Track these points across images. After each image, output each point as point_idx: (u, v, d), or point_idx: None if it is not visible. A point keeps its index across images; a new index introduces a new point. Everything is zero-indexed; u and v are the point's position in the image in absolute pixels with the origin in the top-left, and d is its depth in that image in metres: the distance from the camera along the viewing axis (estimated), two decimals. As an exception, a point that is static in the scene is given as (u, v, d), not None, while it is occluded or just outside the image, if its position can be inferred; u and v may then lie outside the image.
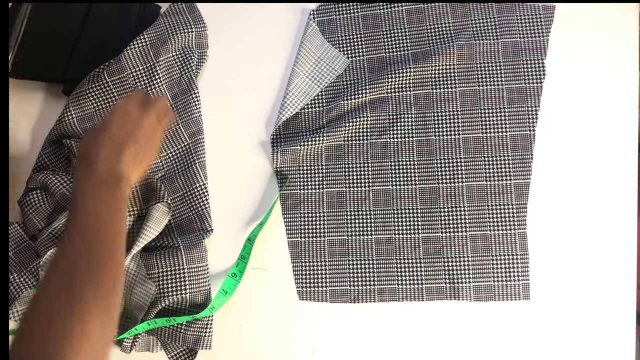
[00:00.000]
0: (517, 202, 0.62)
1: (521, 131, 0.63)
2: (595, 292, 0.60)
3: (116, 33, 0.68)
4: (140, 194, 0.62)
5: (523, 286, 0.60)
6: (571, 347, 0.59)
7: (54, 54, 0.67)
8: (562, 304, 0.60)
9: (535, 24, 0.65)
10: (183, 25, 0.68)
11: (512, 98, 0.64)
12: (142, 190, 0.62)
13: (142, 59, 0.66)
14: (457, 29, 0.66)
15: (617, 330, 0.59)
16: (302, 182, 0.65)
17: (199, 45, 0.68)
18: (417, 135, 0.64)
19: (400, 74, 0.64)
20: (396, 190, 0.63)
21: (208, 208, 0.64)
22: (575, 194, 0.62)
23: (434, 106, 0.65)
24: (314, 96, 0.66)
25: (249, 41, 0.69)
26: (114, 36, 0.68)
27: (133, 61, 0.66)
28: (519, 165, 0.62)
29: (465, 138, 0.64)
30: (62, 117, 0.65)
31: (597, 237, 0.61)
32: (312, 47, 0.67)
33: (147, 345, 0.61)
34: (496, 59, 0.65)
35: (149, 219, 0.59)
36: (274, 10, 0.70)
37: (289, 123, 0.66)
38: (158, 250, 0.61)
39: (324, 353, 0.61)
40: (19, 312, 0.57)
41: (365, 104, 0.65)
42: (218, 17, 0.70)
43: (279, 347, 0.60)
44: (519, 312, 0.60)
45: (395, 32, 0.67)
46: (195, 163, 0.64)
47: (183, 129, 0.65)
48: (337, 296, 0.62)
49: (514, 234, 0.61)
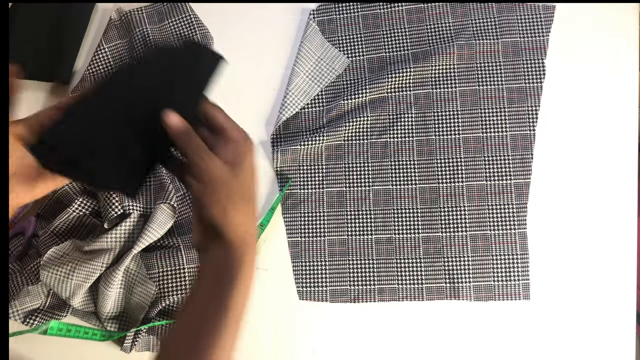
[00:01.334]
0: (517, 201, 0.62)
1: (521, 131, 0.63)
2: (595, 292, 0.60)
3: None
4: (153, 193, 0.62)
5: (523, 286, 0.60)
6: (571, 347, 0.59)
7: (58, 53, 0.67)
8: (562, 304, 0.60)
9: (535, 23, 0.65)
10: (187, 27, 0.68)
11: (512, 98, 0.64)
12: (154, 190, 0.62)
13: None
14: (457, 29, 0.66)
15: (617, 330, 0.59)
16: (302, 181, 0.65)
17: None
18: (417, 135, 0.64)
19: (400, 73, 0.64)
20: (396, 189, 0.63)
21: (208, 208, 0.64)
22: (575, 194, 0.62)
23: (434, 106, 0.65)
24: (314, 96, 0.66)
25: (249, 41, 0.69)
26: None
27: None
28: (519, 164, 0.62)
29: (466, 138, 0.64)
30: (62, 116, 0.65)
31: (597, 237, 0.61)
32: (312, 47, 0.67)
33: (147, 345, 0.61)
34: (496, 59, 0.65)
35: (152, 221, 0.59)
36: (274, 10, 0.70)
37: (289, 123, 0.66)
38: (158, 250, 0.61)
39: (324, 353, 0.61)
40: (18, 312, 0.57)
41: (365, 103, 0.65)
42: (218, 17, 0.70)
43: (279, 347, 0.60)
44: (519, 312, 0.60)
45: (395, 32, 0.67)
46: (195, 163, 0.64)
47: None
48: (337, 296, 0.62)
49: (514, 233, 0.61)
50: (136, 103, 0.40)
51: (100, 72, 0.68)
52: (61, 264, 0.57)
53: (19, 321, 0.57)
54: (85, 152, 0.38)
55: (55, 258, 0.57)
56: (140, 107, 0.40)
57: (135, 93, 0.41)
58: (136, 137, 0.39)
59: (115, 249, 0.58)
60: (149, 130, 0.39)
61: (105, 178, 0.39)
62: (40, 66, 0.67)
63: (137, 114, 0.40)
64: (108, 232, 0.58)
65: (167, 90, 0.41)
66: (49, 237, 0.60)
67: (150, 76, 0.42)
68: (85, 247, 0.58)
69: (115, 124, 0.39)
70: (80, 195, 0.61)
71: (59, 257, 0.58)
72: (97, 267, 0.57)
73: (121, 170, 0.39)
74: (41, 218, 0.64)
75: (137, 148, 0.39)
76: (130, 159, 0.39)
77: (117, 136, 0.39)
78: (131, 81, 0.41)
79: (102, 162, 0.38)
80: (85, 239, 0.61)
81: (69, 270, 0.56)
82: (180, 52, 0.45)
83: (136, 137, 0.39)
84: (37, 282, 0.59)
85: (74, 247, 0.59)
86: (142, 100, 0.40)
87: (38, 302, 0.58)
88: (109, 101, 0.40)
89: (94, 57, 0.68)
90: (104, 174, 0.39)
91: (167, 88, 0.41)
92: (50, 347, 0.61)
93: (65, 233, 0.62)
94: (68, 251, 0.58)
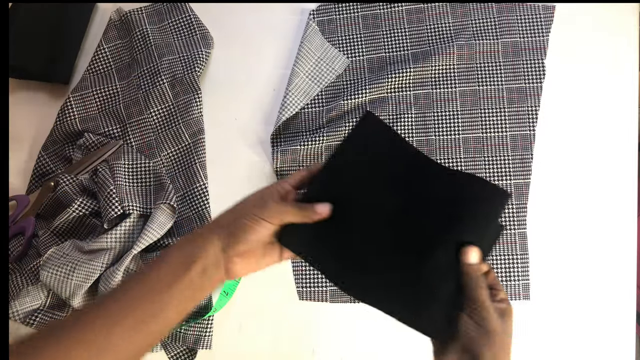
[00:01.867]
0: (517, 202, 0.62)
1: (521, 131, 0.63)
2: (595, 292, 0.60)
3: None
4: (153, 193, 0.62)
5: (523, 286, 0.60)
6: (571, 347, 0.59)
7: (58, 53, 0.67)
8: (562, 304, 0.60)
9: (535, 23, 0.65)
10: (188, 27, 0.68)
11: (512, 98, 0.64)
12: (154, 190, 0.62)
13: (147, 60, 0.66)
14: (457, 29, 0.66)
15: (617, 330, 0.59)
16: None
17: (206, 45, 0.68)
18: (417, 135, 0.64)
19: (400, 74, 0.64)
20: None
21: (208, 208, 0.64)
22: (575, 194, 0.62)
23: (434, 106, 0.65)
24: (314, 96, 0.66)
25: (249, 41, 0.69)
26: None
27: (138, 62, 0.67)
28: (518, 165, 0.62)
29: (465, 138, 0.64)
30: (64, 114, 0.65)
31: (597, 237, 0.61)
32: (312, 47, 0.67)
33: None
34: (496, 59, 0.65)
35: (152, 221, 0.59)
36: (274, 10, 0.70)
37: (289, 123, 0.66)
38: (158, 250, 0.61)
39: (324, 353, 0.61)
40: (18, 312, 0.57)
41: (365, 104, 0.65)
42: (218, 17, 0.70)
43: (279, 347, 0.60)
44: (519, 312, 0.60)
45: (395, 32, 0.67)
46: (195, 163, 0.64)
47: (184, 129, 0.65)
48: (337, 296, 0.62)
49: (513, 233, 0.61)
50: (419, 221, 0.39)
51: (100, 72, 0.68)
52: (61, 264, 0.57)
53: (18, 321, 0.57)
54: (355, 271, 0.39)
55: (55, 258, 0.57)
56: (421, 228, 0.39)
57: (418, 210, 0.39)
58: (419, 262, 0.38)
59: (115, 249, 0.59)
60: (434, 257, 0.38)
61: (381, 299, 0.39)
62: (40, 66, 0.67)
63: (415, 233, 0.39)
64: (108, 232, 0.58)
65: (456, 218, 0.39)
66: (49, 237, 0.60)
67: (435, 197, 0.40)
68: (85, 247, 0.58)
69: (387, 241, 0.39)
70: (80, 195, 0.61)
71: (59, 257, 0.58)
72: (97, 267, 0.57)
73: (406, 299, 0.39)
74: (41, 218, 0.64)
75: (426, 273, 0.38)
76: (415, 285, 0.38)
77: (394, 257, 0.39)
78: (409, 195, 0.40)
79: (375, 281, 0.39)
80: (85, 239, 0.61)
81: (69, 270, 0.56)
82: (471, 185, 0.41)
83: (419, 262, 0.38)
84: (37, 282, 0.59)
85: (74, 247, 0.59)
86: (425, 220, 0.39)
87: (38, 302, 0.58)
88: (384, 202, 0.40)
89: (94, 57, 0.68)
90: (378, 294, 0.39)
91: (456, 215, 0.39)
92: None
93: (65, 233, 0.62)
94: (68, 251, 0.58)
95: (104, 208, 0.59)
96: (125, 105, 0.67)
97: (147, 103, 0.66)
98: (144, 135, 0.66)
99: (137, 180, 0.62)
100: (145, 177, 0.62)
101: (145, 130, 0.66)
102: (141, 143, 0.66)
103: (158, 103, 0.66)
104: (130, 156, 0.62)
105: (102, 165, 0.61)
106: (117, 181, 0.60)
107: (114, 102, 0.67)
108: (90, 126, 0.65)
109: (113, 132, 0.66)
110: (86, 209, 0.61)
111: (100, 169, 0.61)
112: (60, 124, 0.65)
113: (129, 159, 0.62)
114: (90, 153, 0.63)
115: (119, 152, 0.62)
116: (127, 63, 0.69)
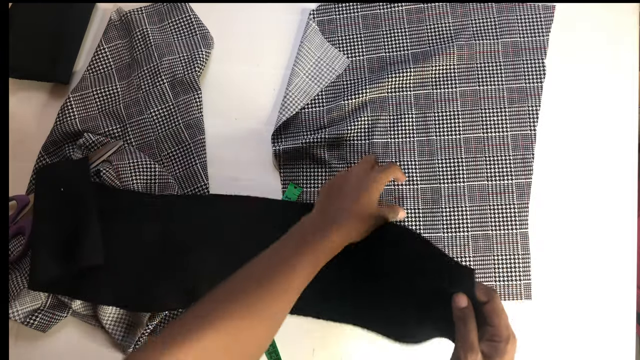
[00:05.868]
0: (519, 201, 0.62)
1: (522, 131, 0.63)
2: (596, 292, 0.60)
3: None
4: (157, 191, 0.62)
5: (524, 286, 0.60)
6: (571, 347, 0.59)
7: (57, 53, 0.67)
8: (562, 304, 0.60)
9: (535, 23, 0.65)
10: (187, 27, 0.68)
11: (513, 98, 0.64)
12: (159, 189, 0.62)
13: (147, 60, 0.66)
14: (457, 29, 0.66)
15: (617, 330, 0.59)
16: (302, 182, 0.64)
17: (206, 45, 0.68)
18: (417, 136, 0.64)
19: (400, 74, 0.64)
20: (397, 190, 0.63)
21: (208, 208, 0.64)
22: (576, 194, 0.62)
23: (435, 106, 0.65)
24: (314, 96, 0.66)
25: (249, 41, 0.69)
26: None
27: (138, 62, 0.67)
28: (520, 164, 0.62)
29: (466, 138, 0.64)
30: (64, 114, 0.65)
31: (598, 237, 0.61)
32: (312, 47, 0.67)
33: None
34: (496, 59, 0.65)
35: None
36: (274, 10, 0.70)
37: (289, 123, 0.66)
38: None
39: (324, 353, 0.60)
40: (18, 312, 0.57)
41: (366, 104, 0.65)
42: (218, 17, 0.70)
43: (279, 347, 0.60)
44: (520, 311, 0.60)
45: (395, 32, 0.67)
46: (196, 163, 0.64)
47: (184, 129, 0.65)
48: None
49: (515, 233, 0.61)
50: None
51: (100, 72, 0.68)
52: (61, 264, 0.56)
53: (19, 321, 0.57)
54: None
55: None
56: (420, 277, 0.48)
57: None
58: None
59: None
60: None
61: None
62: (40, 66, 0.66)
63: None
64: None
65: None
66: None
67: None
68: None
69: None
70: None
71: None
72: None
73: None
74: (41, 218, 0.63)
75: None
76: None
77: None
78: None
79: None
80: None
81: (69, 271, 0.56)
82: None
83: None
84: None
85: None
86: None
87: (38, 302, 0.58)
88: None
89: (94, 57, 0.68)
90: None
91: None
92: (50, 346, 0.61)
93: (65, 233, 0.62)
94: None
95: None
96: (125, 105, 0.67)
97: (147, 103, 0.66)
98: (144, 135, 0.66)
99: (143, 180, 0.62)
100: (151, 176, 0.62)
101: (145, 130, 0.66)
102: (141, 143, 0.66)
103: (158, 103, 0.66)
104: (135, 156, 0.62)
105: (105, 166, 0.61)
106: (123, 182, 0.60)
107: (114, 102, 0.67)
108: (90, 126, 0.65)
109: (113, 132, 0.66)
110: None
111: (104, 170, 0.60)
112: (60, 124, 0.65)
113: (133, 159, 0.61)
114: (91, 153, 0.63)
115: (122, 153, 0.62)
116: (127, 63, 0.69)
